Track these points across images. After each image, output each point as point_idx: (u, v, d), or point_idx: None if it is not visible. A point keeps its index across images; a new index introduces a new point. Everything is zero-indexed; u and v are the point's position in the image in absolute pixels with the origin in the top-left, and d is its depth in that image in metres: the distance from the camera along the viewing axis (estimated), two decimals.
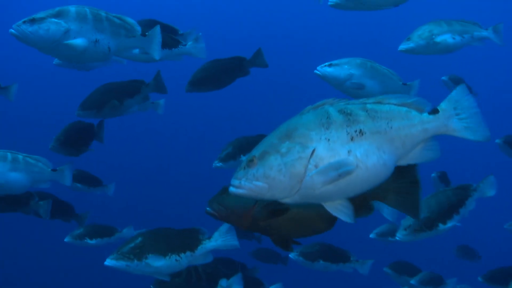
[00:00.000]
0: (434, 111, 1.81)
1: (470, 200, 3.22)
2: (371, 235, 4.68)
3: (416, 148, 1.81)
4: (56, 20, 2.88)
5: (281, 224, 2.16)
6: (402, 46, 3.73)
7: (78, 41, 2.92)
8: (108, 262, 2.87)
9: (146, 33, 3.21)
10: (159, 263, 2.80)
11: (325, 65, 3.79)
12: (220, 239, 2.89)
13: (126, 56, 3.48)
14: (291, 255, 4.33)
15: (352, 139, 1.68)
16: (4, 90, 4.70)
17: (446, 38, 3.67)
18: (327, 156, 1.65)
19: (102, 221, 4.94)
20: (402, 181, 1.99)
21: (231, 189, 1.68)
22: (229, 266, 4.49)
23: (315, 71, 3.82)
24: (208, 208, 2.25)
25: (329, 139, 1.67)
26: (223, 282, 3.20)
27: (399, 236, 3.14)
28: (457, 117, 1.81)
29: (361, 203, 2.00)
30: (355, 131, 1.69)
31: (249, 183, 1.64)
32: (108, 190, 5.20)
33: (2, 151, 3.38)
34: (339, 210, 1.73)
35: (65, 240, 4.62)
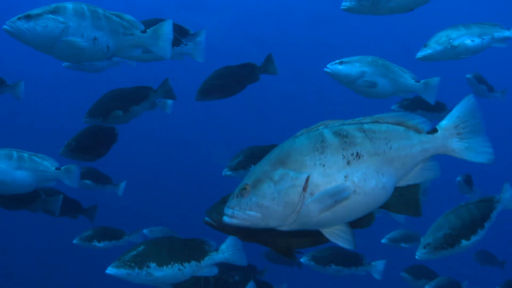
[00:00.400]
0: (433, 131, 1.71)
1: (494, 212, 3.06)
2: (383, 241, 4.53)
3: (416, 168, 1.71)
4: (53, 16, 2.78)
5: (281, 235, 2.07)
6: (420, 54, 3.60)
7: (77, 39, 2.82)
8: (109, 270, 2.81)
9: (147, 30, 3.09)
10: (160, 273, 2.72)
11: (335, 63, 3.65)
12: (227, 252, 2.82)
13: (129, 57, 3.36)
14: (302, 260, 4.22)
15: (348, 163, 1.59)
16: (11, 88, 4.66)
17: (464, 41, 3.52)
18: (323, 182, 1.58)
19: (108, 222, 4.88)
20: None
21: (225, 218, 1.62)
22: (238, 268, 4.39)
23: (325, 69, 3.68)
24: (206, 218, 2.22)
25: (324, 165, 1.59)
26: None
27: (418, 255, 2.96)
28: (458, 136, 1.70)
29: None
30: (352, 154, 1.60)
31: (242, 212, 1.59)
32: (118, 189, 5.12)
33: (8, 149, 3.31)
34: (338, 235, 1.66)
35: (74, 241, 4.58)
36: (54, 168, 3.39)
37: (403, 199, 1.93)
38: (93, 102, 4.08)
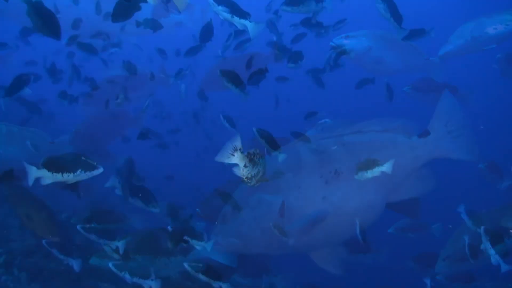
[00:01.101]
0: (424, 133, 1.54)
1: None
2: (390, 230, 4.35)
3: (409, 179, 1.53)
4: None
5: None
6: (442, 50, 3.37)
7: None
8: (93, 260, 2.71)
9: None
10: (145, 264, 2.56)
11: (341, 37, 3.44)
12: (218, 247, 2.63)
13: (121, 31, 3.21)
14: None
15: (326, 182, 1.44)
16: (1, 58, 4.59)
17: (486, 30, 3.27)
18: (298, 206, 1.44)
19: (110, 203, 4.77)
20: None
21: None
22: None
23: (331, 43, 3.47)
24: (198, 210, 2.22)
25: (300, 186, 1.45)
26: None
27: (438, 268, 2.75)
28: (450, 135, 1.54)
29: None
30: (330, 173, 1.44)
31: (225, 239, 1.48)
32: (117, 163, 5.01)
33: None
34: (326, 260, 1.53)
35: (71, 221, 4.48)
36: (48, 142, 3.29)
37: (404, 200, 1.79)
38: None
